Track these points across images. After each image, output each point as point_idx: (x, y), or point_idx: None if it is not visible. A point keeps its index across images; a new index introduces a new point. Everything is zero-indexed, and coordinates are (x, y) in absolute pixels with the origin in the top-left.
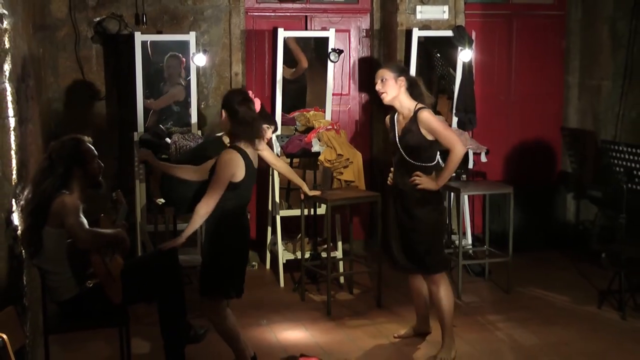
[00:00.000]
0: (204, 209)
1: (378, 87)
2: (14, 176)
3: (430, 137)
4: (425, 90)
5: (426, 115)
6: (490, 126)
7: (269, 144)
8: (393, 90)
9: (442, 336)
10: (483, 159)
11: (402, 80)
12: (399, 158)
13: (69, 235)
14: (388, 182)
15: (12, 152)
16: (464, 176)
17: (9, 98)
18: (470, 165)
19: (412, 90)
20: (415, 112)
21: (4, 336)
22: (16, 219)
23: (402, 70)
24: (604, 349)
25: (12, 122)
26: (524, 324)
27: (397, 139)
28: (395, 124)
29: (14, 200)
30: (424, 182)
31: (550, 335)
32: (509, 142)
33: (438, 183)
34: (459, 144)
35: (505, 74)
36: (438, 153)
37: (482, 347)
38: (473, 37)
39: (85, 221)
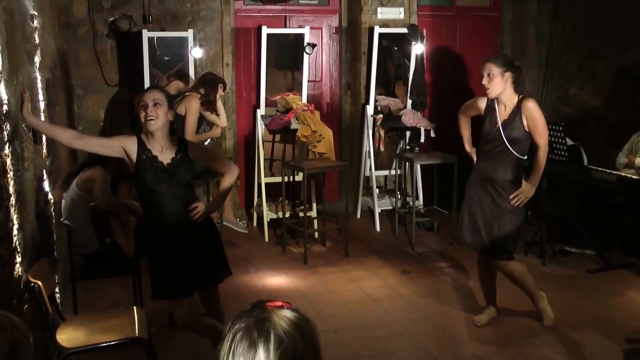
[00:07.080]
0: None
1: (484, 81)
2: (45, 150)
3: (526, 129)
4: (525, 79)
5: (531, 105)
6: (439, 107)
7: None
8: (499, 86)
9: (536, 307)
10: (432, 134)
11: (508, 75)
12: (497, 147)
13: (93, 199)
14: (473, 162)
15: None
16: (416, 149)
17: (39, 85)
18: (422, 140)
19: (517, 82)
20: (520, 101)
21: (40, 283)
22: (47, 186)
23: (507, 63)
24: None
25: (42, 105)
26: (465, 269)
27: (500, 128)
28: (497, 113)
29: (44, 170)
30: (524, 196)
31: None
32: (454, 120)
33: (533, 184)
34: (547, 141)
35: (452, 64)
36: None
37: (431, 288)
38: (424, 33)
39: (109, 190)
